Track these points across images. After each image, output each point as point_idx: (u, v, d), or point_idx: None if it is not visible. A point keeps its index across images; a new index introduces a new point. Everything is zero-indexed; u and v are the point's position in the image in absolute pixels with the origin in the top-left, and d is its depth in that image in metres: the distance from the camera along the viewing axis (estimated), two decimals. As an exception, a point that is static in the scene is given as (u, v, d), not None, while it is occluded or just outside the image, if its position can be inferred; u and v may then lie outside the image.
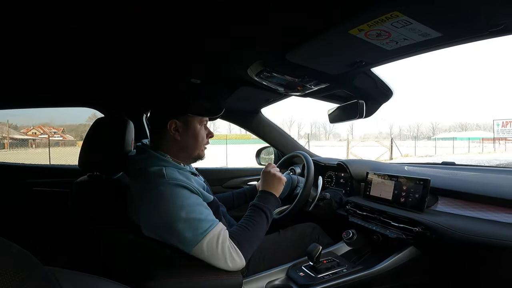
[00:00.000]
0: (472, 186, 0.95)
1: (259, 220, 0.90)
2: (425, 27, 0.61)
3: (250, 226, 0.87)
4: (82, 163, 0.92)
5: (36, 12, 0.62)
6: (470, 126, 70.18)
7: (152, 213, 0.79)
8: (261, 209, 0.92)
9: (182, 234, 0.78)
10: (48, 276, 0.33)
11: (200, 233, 0.78)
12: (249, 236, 0.85)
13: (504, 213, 0.83)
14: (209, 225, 0.80)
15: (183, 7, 0.62)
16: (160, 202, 0.79)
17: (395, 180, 1.07)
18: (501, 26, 0.60)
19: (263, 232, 0.91)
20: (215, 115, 0.97)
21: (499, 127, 26.59)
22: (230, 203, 1.24)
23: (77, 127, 33.97)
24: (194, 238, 0.78)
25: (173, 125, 0.91)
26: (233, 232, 0.84)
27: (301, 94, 1.21)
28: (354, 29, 0.65)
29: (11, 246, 0.32)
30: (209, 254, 0.79)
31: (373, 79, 1.02)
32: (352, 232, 1.12)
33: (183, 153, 0.94)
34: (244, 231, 0.85)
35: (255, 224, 0.88)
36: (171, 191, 0.80)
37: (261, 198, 0.97)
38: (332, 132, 61.56)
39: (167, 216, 0.78)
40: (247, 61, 0.94)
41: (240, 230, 0.86)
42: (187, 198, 0.81)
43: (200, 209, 0.82)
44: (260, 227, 0.89)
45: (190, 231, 0.78)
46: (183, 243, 0.79)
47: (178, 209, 0.78)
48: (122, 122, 0.97)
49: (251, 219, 0.90)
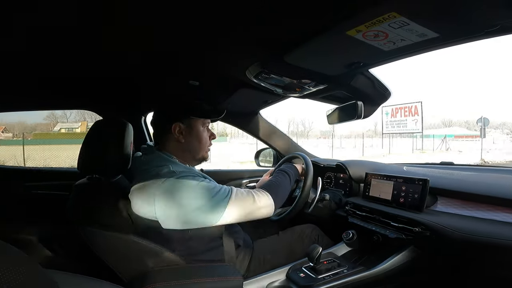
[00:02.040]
0: (471, 186, 0.95)
1: (282, 177, 1.06)
2: (422, 27, 0.62)
3: (275, 179, 1.03)
4: (81, 166, 0.92)
5: (36, 12, 0.62)
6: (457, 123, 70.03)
7: (171, 205, 0.80)
8: (283, 171, 1.09)
9: (209, 206, 0.82)
10: (47, 279, 0.33)
11: (225, 196, 0.85)
12: (274, 185, 0.99)
13: (503, 212, 0.83)
14: (228, 188, 0.88)
15: (182, 9, 0.62)
16: (176, 192, 0.80)
17: (394, 181, 1.07)
18: (497, 27, 0.60)
19: (288, 185, 1.06)
20: (217, 117, 1.01)
21: (388, 117, 18.15)
22: None
23: (25, 127, 32.70)
24: (222, 203, 0.83)
25: (177, 128, 0.92)
26: (260, 186, 0.98)
27: (299, 95, 1.22)
28: (351, 30, 0.65)
29: (10, 248, 0.31)
30: (240, 205, 0.86)
31: (371, 80, 1.02)
32: (352, 232, 1.12)
33: (188, 155, 0.96)
34: (269, 182, 1.01)
35: (279, 178, 1.04)
36: (183, 180, 0.83)
37: (283, 165, 1.17)
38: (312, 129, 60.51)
39: (187, 200, 0.81)
40: (246, 62, 0.95)
41: (266, 182, 1.03)
42: (198, 180, 0.85)
43: (213, 183, 0.88)
44: (285, 180, 1.05)
45: (214, 200, 0.82)
46: (213, 214, 0.82)
47: (196, 190, 0.82)
48: (121, 124, 0.97)
49: (275, 176, 1.07)
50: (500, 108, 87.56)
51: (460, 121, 68.81)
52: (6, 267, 0.28)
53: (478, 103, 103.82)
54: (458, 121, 68.37)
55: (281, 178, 1.04)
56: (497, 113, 70.33)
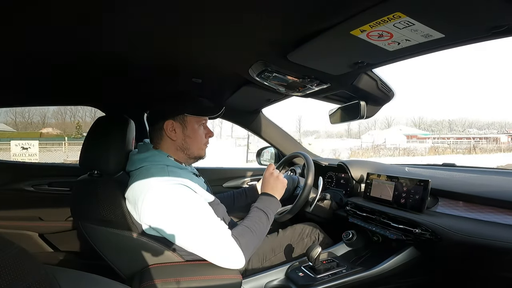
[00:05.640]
0: (472, 188, 0.95)
1: (260, 222, 0.90)
2: (427, 28, 0.61)
3: (252, 228, 0.88)
4: (82, 162, 0.92)
5: (35, 12, 0.62)
6: (425, 121, 70.29)
7: (154, 211, 0.80)
8: (262, 211, 0.93)
9: (184, 232, 0.79)
10: (47, 275, 0.33)
11: (202, 232, 0.79)
12: (251, 237, 0.86)
13: (505, 214, 0.83)
14: (211, 224, 0.81)
15: (184, 6, 0.61)
16: (163, 201, 0.79)
17: (396, 181, 1.07)
18: (505, 27, 0.59)
19: (264, 234, 0.92)
20: (213, 115, 0.97)
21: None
22: (230, 202, 1.25)
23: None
24: (196, 237, 0.79)
25: (169, 125, 0.91)
26: (235, 233, 0.84)
27: (302, 95, 1.21)
28: (356, 30, 0.65)
29: (11, 245, 0.32)
30: (211, 253, 0.80)
31: (374, 80, 1.02)
32: (352, 232, 1.12)
33: (182, 153, 0.95)
34: (246, 232, 0.86)
35: (257, 226, 0.89)
36: (174, 190, 0.80)
37: (263, 200, 0.97)
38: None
39: (169, 215, 0.79)
40: (249, 61, 0.94)
41: (243, 231, 0.86)
42: (189, 198, 0.81)
43: (202, 209, 0.83)
44: (262, 229, 0.90)
45: (192, 229, 0.79)
46: (184, 241, 0.80)
47: (181, 209, 0.79)
48: (123, 121, 0.97)
49: (253, 220, 0.90)
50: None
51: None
52: (6, 263, 0.28)
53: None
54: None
55: (258, 224, 0.90)
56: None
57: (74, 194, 0.93)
